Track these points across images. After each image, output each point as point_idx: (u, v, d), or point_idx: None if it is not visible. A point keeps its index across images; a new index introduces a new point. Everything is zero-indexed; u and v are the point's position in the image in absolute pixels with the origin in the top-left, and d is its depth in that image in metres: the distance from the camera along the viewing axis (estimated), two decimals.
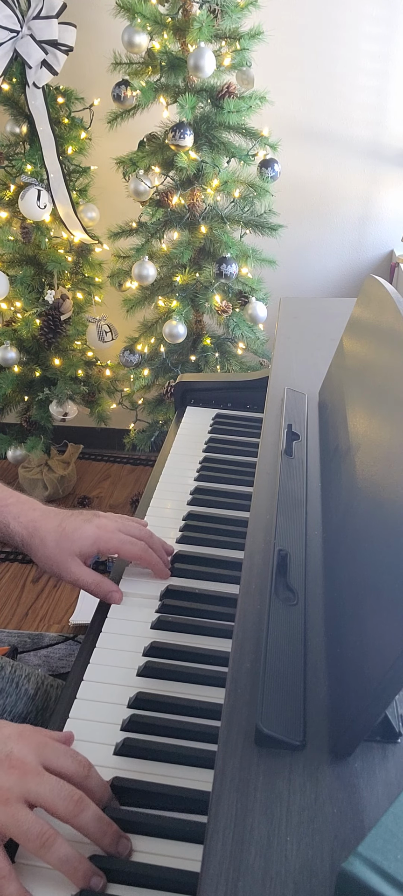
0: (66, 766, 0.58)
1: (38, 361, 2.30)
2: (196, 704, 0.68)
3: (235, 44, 1.84)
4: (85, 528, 0.82)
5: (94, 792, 0.58)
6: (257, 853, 0.44)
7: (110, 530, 0.83)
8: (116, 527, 0.84)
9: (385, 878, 0.38)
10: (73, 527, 0.82)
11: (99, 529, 0.82)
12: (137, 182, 1.96)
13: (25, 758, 0.57)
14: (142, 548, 0.84)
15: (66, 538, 0.81)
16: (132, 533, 0.85)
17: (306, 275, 2.54)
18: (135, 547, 0.84)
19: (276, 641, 0.59)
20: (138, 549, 0.84)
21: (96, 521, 0.83)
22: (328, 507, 0.77)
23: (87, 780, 0.58)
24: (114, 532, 0.83)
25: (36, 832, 0.53)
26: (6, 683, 0.86)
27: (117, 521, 0.86)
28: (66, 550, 0.81)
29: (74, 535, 0.81)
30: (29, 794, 0.55)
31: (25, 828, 0.53)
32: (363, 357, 0.82)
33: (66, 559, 0.81)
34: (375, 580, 0.53)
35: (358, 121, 2.32)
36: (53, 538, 0.81)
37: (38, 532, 0.82)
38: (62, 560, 0.81)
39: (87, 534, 0.82)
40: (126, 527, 0.85)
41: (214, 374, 2.07)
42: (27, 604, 2.07)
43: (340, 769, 0.49)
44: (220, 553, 0.90)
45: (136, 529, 0.86)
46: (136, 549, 0.84)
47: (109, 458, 2.84)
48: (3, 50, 1.92)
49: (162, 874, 0.54)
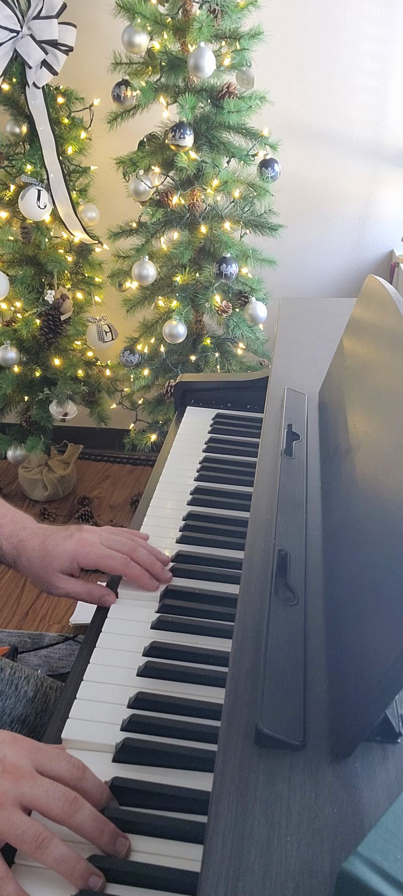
0: (60, 768, 0.58)
1: (38, 361, 2.30)
2: (196, 704, 0.68)
3: (235, 44, 1.84)
4: (65, 544, 0.82)
5: (90, 793, 0.58)
6: (257, 853, 0.44)
7: (90, 544, 0.83)
8: (98, 540, 0.84)
9: (385, 878, 0.38)
10: (54, 544, 0.83)
11: (78, 544, 0.83)
12: (137, 182, 1.96)
13: (19, 762, 0.57)
14: (123, 562, 0.83)
15: (48, 555, 0.82)
16: (114, 546, 0.84)
17: (306, 275, 2.54)
18: (114, 561, 0.83)
19: (276, 641, 0.59)
20: (118, 563, 0.83)
21: (77, 536, 0.83)
22: (328, 508, 0.77)
23: (83, 781, 0.58)
24: (94, 546, 0.83)
25: (31, 834, 0.53)
26: (5, 686, 0.86)
27: (101, 534, 0.85)
28: (49, 568, 0.82)
29: (55, 552, 0.82)
30: (23, 798, 0.55)
31: (20, 830, 0.53)
32: (363, 357, 0.82)
33: (50, 576, 0.82)
34: (375, 580, 0.53)
35: (358, 121, 2.32)
36: (37, 556, 0.83)
37: (24, 552, 0.83)
38: (47, 577, 0.83)
39: (67, 550, 0.82)
40: (109, 540, 0.85)
41: (214, 374, 2.07)
42: (27, 604, 2.07)
43: (340, 769, 0.49)
44: (220, 553, 0.90)
45: (119, 542, 0.85)
46: (116, 563, 0.83)
47: (109, 458, 2.84)
48: (3, 50, 1.92)
49: (162, 874, 0.54)
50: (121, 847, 0.55)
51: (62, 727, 0.67)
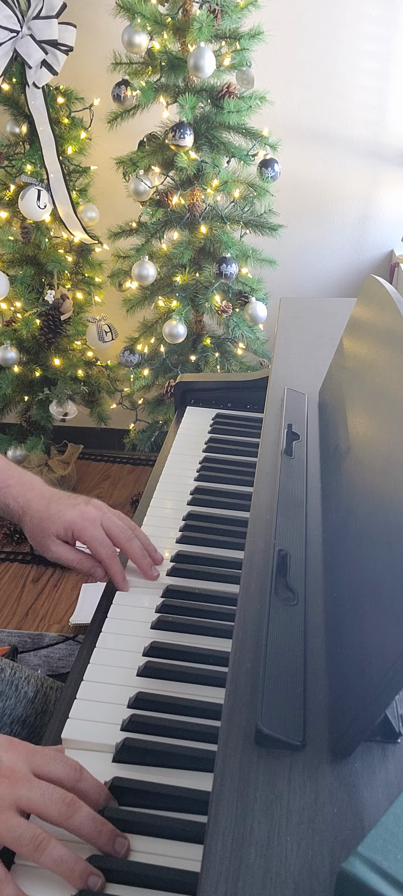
0: (57, 770, 0.57)
1: (38, 361, 2.30)
2: (196, 704, 0.68)
3: (235, 44, 1.84)
4: (66, 512, 0.84)
5: (88, 793, 0.57)
6: (257, 853, 0.44)
7: (88, 520, 0.84)
8: (99, 519, 0.84)
9: (385, 878, 0.38)
10: (57, 509, 0.84)
11: (78, 516, 0.83)
12: (137, 182, 1.96)
13: (15, 766, 0.56)
14: (107, 554, 0.83)
15: (47, 519, 0.84)
16: (112, 531, 0.85)
17: (306, 275, 2.54)
18: (101, 548, 0.83)
19: (276, 641, 0.59)
20: (103, 552, 0.83)
21: (81, 508, 0.84)
22: (328, 507, 0.77)
23: (80, 782, 0.58)
24: (92, 523, 0.84)
25: (29, 837, 0.53)
26: (6, 686, 0.86)
27: (105, 513, 0.86)
28: (46, 531, 0.84)
29: (56, 517, 0.83)
30: (20, 801, 0.55)
31: (18, 833, 0.53)
32: (363, 357, 0.82)
33: (45, 539, 0.84)
34: (375, 580, 0.53)
35: (358, 121, 2.32)
36: (38, 517, 0.84)
37: (29, 511, 0.85)
38: (42, 539, 0.84)
39: (66, 518, 0.83)
40: (109, 522, 0.85)
41: (214, 374, 2.07)
42: (27, 604, 2.07)
43: (340, 769, 0.49)
44: (220, 553, 0.90)
45: (118, 528, 0.85)
46: (102, 550, 0.83)
47: (109, 458, 2.84)
48: (3, 50, 1.92)
49: (161, 874, 0.54)
50: (120, 847, 0.55)
51: (62, 727, 0.67)
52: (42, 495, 0.86)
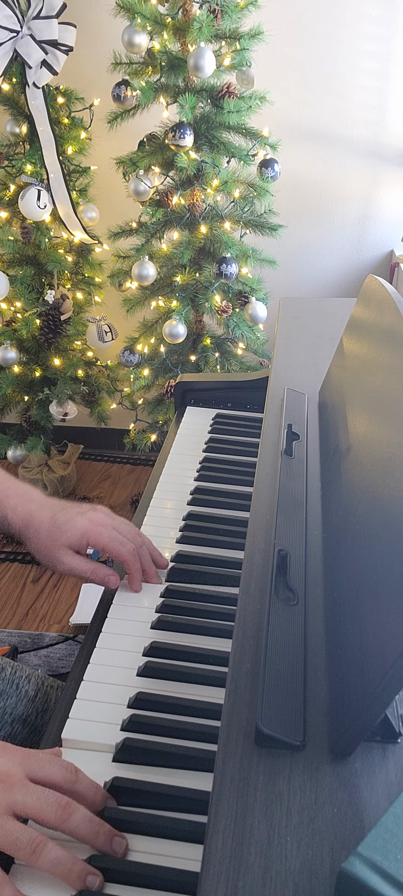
0: (53, 773, 0.57)
1: (38, 361, 2.30)
2: (196, 704, 0.68)
3: (235, 44, 1.84)
4: (76, 520, 0.82)
5: (85, 795, 0.57)
6: (257, 853, 0.44)
7: (102, 524, 0.83)
8: (110, 523, 0.84)
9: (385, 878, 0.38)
10: (65, 518, 0.82)
11: (90, 523, 0.82)
12: (137, 182, 1.96)
13: (10, 770, 0.56)
14: (131, 551, 0.83)
15: (58, 529, 0.81)
16: (124, 534, 0.84)
17: (306, 275, 2.54)
18: (123, 548, 0.83)
19: (276, 641, 0.59)
20: (126, 552, 0.83)
21: (89, 515, 0.83)
22: (328, 507, 0.77)
23: (76, 784, 0.57)
24: (106, 527, 0.83)
25: (25, 840, 0.53)
26: (6, 685, 0.86)
27: (114, 518, 0.85)
28: (57, 542, 0.81)
29: (65, 526, 0.81)
30: (16, 806, 0.55)
31: (14, 837, 0.53)
32: (363, 357, 0.82)
33: (57, 551, 0.81)
34: (375, 580, 0.53)
35: (358, 121, 2.32)
36: (46, 529, 0.82)
37: (33, 523, 0.82)
38: (54, 551, 0.81)
39: (78, 526, 0.82)
40: (119, 526, 0.85)
41: (214, 374, 2.07)
42: (27, 604, 2.07)
43: (340, 769, 0.49)
44: (220, 553, 0.90)
45: (129, 532, 0.85)
46: (125, 550, 0.83)
47: (109, 458, 2.84)
48: (3, 50, 1.92)
49: (161, 874, 0.54)
50: (118, 846, 0.55)
51: (62, 727, 0.67)
52: (44, 506, 0.84)
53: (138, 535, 0.87)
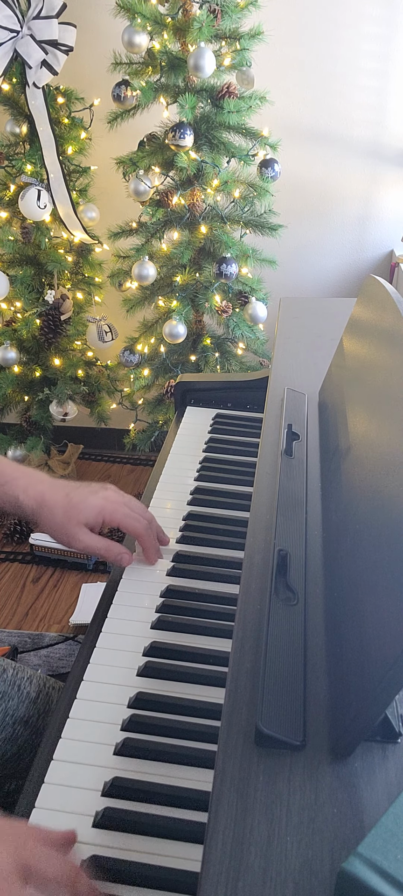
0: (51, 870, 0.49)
1: (38, 361, 2.30)
2: (196, 704, 0.68)
3: (235, 44, 1.84)
4: (91, 499, 0.85)
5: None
6: (257, 853, 0.44)
7: (116, 502, 0.86)
8: (122, 500, 0.87)
9: (385, 878, 0.38)
10: (80, 497, 0.84)
11: (105, 501, 0.85)
12: (137, 182, 1.96)
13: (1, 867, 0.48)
14: (145, 526, 0.87)
15: (73, 508, 0.83)
16: (137, 510, 0.88)
17: (306, 275, 2.54)
18: (138, 523, 0.86)
19: (276, 641, 0.59)
20: (141, 527, 0.86)
21: (103, 493, 0.86)
22: (328, 507, 0.77)
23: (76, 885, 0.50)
24: (120, 504, 0.86)
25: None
26: (8, 686, 0.86)
27: (125, 496, 0.89)
28: (74, 520, 0.83)
29: (81, 504, 0.84)
30: None
31: None
32: (363, 357, 0.82)
33: (73, 528, 0.83)
34: (375, 580, 0.53)
35: (358, 121, 2.32)
36: (61, 508, 0.84)
37: (46, 503, 0.84)
38: (70, 529, 0.83)
39: (93, 504, 0.84)
40: (131, 504, 0.88)
41: (214, 374, 2.07)
42: (27, 604, 2.07)
43: (340, 769, 0.49)
44: (220, 553, 0.90)
45: (140, 508, 0.89)
46: (140, 525, 0.86)
47: (109, 458, 2.84)
48: (3, 50, 1.92)
49: (162, 874, 0.54)
50: None
51: (62, 727, 0.67)
52: (55, 486, 0.86)
53: (147, 511, 0.91)
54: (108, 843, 0.57)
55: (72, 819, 0.59)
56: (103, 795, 0.61)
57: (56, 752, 0.65)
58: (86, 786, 0.62)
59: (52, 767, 0.63)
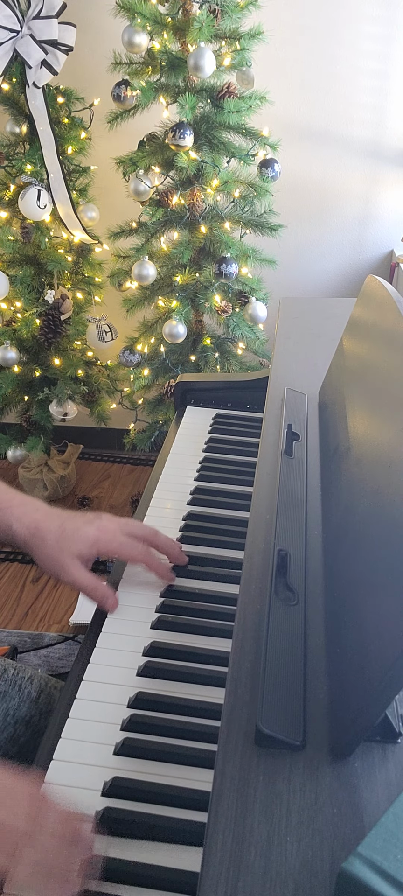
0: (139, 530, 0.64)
1: (38, 361, 2.30)
2: (196, 704, 0.68)
3: (235, 44, 1.84)
4: (85, 529, 0.82)
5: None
6: (257, 853, 0.44)
7: (111, 532, 0.83)
8: (118, 528, 0.84)
9: (385, 878, 0.38)
10: (74, 527, 0.82)
11: (99, 531, 0.82)
12: (137, 182, 1.96)
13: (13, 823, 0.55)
14: (144, 550, 0.84)
15: (66, 538, 0.81)
16: (135, 534, 0.84)
17: (306, 275, 2.54)
18: (135, 550, 0.83)
19: (276, 641, 0.59)
20: (139, 553, 0.83)
21: (97, 523, 0.83)
22: (328, 507, 0.77)
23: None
24: (116, 534, 0.83)
25: None
26: (9, 686, 0.86)
27: (120, 522, 0.85)
28: (66, 551, 0.81)
29: (74, 535, 0.81)
30: None
31: None
32: (363, 357, 0.82)
33: (65, 559, 0.81)
34: (375, 580, 0.53)
35: (358, 121, 2.32)
36: (53, 538, 0.81)
37: (39, 532, 0.82)
38: (61, 560, 0.81)
39: (88, 535, 0.81)
40: (129, 529, 0.85)
41: (214, 374, 2.07)
42: (27, 604, 2.07)
43: (340, 769, 0.49)
44: (220, 553, 0.90)
45: (140, 530, 0.86)
46: (137, 551, 0.83)
47: (109, 458, 2.84)
48: (3, 50, 1.92)
49: (162, 874, 0.54)
50: None
51: (62, 726, 0.67)
52: (50, 515, 0.83)
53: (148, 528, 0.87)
54: (108, 842, 0.57)
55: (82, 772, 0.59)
56: (103, 795, 0.61)
57: (56, 751, 0.65)
58: (86, 786, 0.62)
59: (52, 767, 0.63)
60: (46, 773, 0.63)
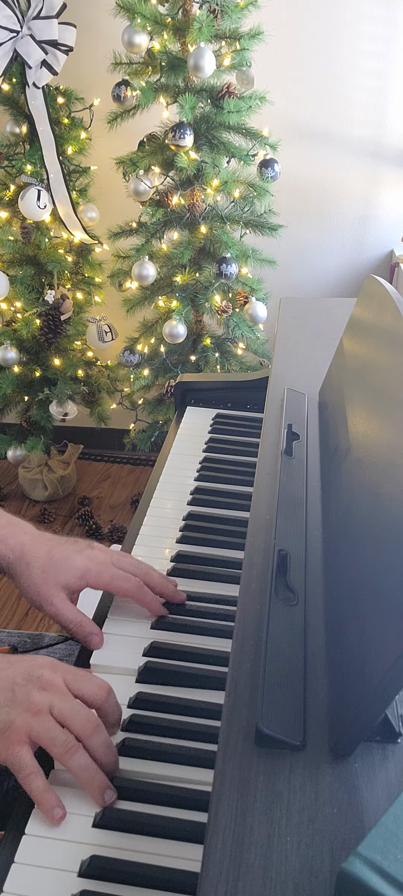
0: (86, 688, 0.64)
1: (38, 361, 2.30)
2: (196, 704, 0.68)
3: (235, 44, 1.84)
4: (75, 558, 0.77)
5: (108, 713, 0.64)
6: (257, 853, 0.44)
7: (102, 563, 0.77)
8: (109, 560, 0.78)
9: (385, 878, 0.38)
10: (63, 556, 0.77)
11: (89, 562, 0.77)
12: (137, 182, 1.96)
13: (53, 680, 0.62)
14: (136, 584, 0.77)
15: (53, 567, 0.76)
16: (126, 568, 0.79)
17: (306, 275, 2.54)
18: (128, 583, 0.77)
19: (276, 641, 0.59)
20: (131, 586, 0.77)
21: (88, 553, 0.78)
22: (328, 507, 0.77)
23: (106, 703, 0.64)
24: (106, 565, 0.77)
25: (62, 740, 0.59)
26: None
27: (112, 554, 0.80)
28: (51, 580, 0.76)
29: (62, 564, 0.76)
30: (53, 709, 0.61)
31: (53, 735, 0.59)
32: (363, 357, 0.82)
33: (49, 589, 0.76)
34: (375, 580, 0.53)
35: (358, 121, 2.32)
36: (40, 564, 0.76)
37: (24, 556, 0.77)
38: (46, 589, 0.76)
39: (77, 565, 0.76)
40: (121, 561, 0.79)
41: (214, 374, 2.07)
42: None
43: (340, 769, 0.49)
44: (220, 553, 0.90)
45: (131, 565, 0.80)
46: (130, 585, 0.77)
47: (109, 458, 2.84)
48: (3, 50, 1.92)
49: (162, 874, 0.54)
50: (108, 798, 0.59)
51: None
52: (38, 539, 0.78)
53: (141, 565, 0.81)
54: (108, 843, 0.57)
55: (71, 819, 0.59)
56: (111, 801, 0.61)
57: None
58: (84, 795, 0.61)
59: None
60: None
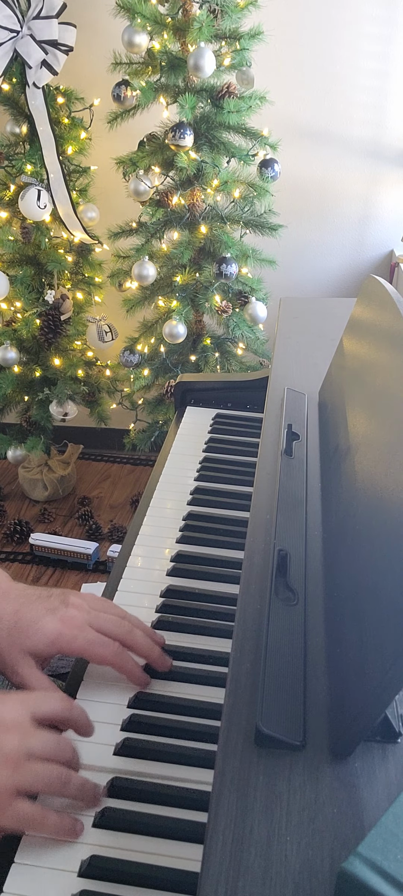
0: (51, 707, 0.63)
1: (38, 361, 2.30)
2: (196, 704, 0.68)
3: (235, 44, 1.84)
4: (45, 621, 0.67)
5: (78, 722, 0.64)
6: (257, 853, 0.44)
7: (77, 626, 0.68)
8: (87, 620, 0.69)
9: (385, 878, 0.38)
10: (31, 618, 0.68)
11: (62, 625, 0.68)
12: (137, 182, 1.96)
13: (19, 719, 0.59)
14: (114, 651, 0.69)
15: (20, 631, 0.67)
16: (105, 628, 0.69)
17: (306, 275, 2.54)
18: (105, 650, 0.68)
19: (276, 641, 0.59)
20: (109, 653, 0.68)
21: (61, 613, 0.68)
22: (328, 507, 0.77)
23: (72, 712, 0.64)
24: (82, 628, 0.68)
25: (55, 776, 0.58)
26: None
27: (90, 611, 0.70)
28: (17, 645, 0.67)
29: (30, 628, 0.67)
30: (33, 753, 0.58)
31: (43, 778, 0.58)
32: (363, 357, 0.82)
33: (15, 656, 0.67)
34: (375, 580, 0.53)
35: (358, 121, 2.32)
36: (5, 626, 0.67)
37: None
38: (11, 656, 0.67)
39: (47, 629, 0.67)
40: (99, 619, 0.70)
41: (214, 374, 2.07)
42: None
43: (340, 769, 0.49)
44: (220, 553, 0.90)
45: (111, 622, 0.70)
46: (107, 651, 0.68)
47: (109, 458, 2.84)
48: (3, 50, 1.92)
49: (162, 874, 0.54)
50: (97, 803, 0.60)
51: None
52: (6, 594, 0.69)
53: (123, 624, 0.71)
54: (108, 843, 0.57)
55: None
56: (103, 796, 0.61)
57: None
58: None
59: None
60: None
